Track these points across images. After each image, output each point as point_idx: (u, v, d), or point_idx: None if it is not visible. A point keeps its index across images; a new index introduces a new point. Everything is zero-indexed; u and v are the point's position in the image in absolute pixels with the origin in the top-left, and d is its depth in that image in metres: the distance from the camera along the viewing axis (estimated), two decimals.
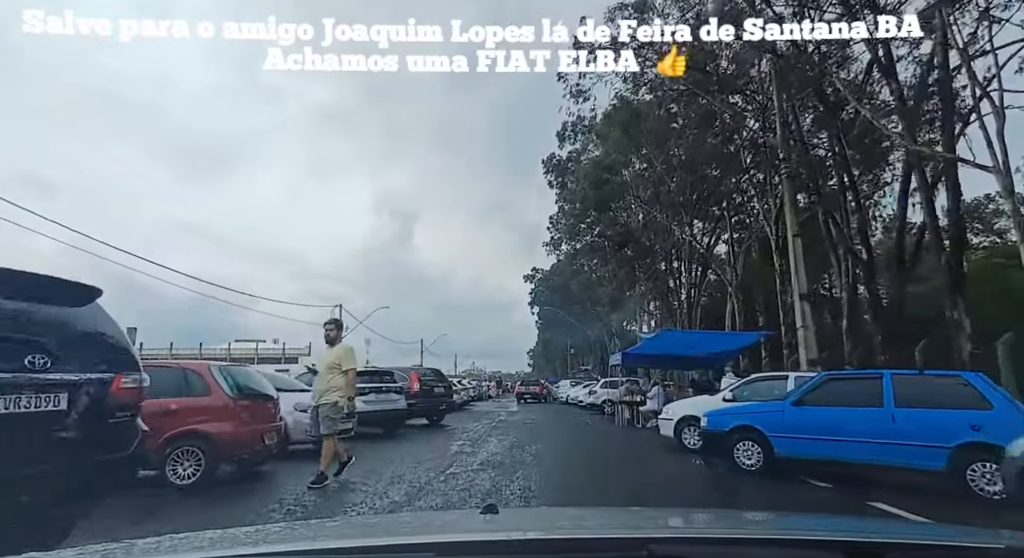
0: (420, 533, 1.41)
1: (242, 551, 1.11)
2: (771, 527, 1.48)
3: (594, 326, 45.02)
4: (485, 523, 1.29)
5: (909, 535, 1.35)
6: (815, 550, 1.11)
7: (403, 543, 1.17)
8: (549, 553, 1.12)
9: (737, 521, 1.72)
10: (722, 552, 1.13)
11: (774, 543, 1.17)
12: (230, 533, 1.26)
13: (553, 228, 41.76)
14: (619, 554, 1.05)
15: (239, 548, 1.14)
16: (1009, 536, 1.20)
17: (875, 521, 2.22)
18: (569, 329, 49.75)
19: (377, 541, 1.19)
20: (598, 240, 34.81)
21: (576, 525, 1.51)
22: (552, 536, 1.23)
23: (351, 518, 4.27)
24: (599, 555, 1.10)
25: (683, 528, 1.46)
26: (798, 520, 1.80)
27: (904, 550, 1.11)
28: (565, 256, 43.76)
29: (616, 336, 40.76)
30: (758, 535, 1.30)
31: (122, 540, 1.18)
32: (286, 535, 1.49)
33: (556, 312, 48.59)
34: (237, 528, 1.31)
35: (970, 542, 1.18)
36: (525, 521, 1.67)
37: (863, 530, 1.49)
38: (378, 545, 1.14)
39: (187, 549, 1.16)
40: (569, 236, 38.62)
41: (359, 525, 2.01)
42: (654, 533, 1.27)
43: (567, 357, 64.54)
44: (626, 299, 36.27)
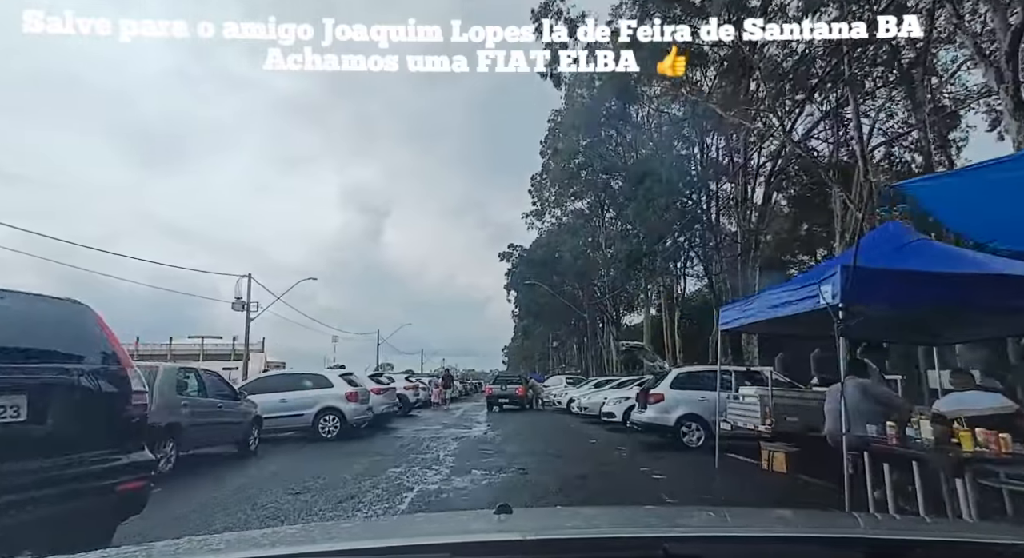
0: (434, 534, 1.39)
1: (258, 553, 1.11)
2: (789, 525, 1.46)
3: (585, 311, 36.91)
4: (499, 523, 1.28)
5: (931, 533, 1.33)
6: (835, 548, 1.10)
7: (418, 544, 1.16)
8: (563, 553, 1.11)
9: (754, 519, 1.70)
10: (739, 550, 1.12)
11: (792, 541, 1.15)
12: (246, 535, 1.30)
13: (535, 192, 34.73)
14: (635, 553, 1.04)
15: (255, 550, 1.14)
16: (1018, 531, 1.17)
17: (896, 519, 2.18)
18: (553, 315, 42.29)
19: (392, 542, 1.19)
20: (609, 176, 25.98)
21: (591, 524, 1.50)
22: (567, 536, 1.21)
23: (366, 520, 4.23)
24: (615, 554, 1.08)
25: (699, 527, 1.44)
26: (817, 518, 1.77)
27: (926, 548, 1.09)
28: (547, 231, 37.15)
29: (614, 323, 34.44)
30: (776, 533, 1.28)
31: (142, 543, 1.17)
32: (301, 537, 1.48)
33: (537, 289, 38.03)
34: (253, 530, 1.39)
35: (995, 539, 1.16)
36: (539, 521, 1.65)
37: (884, 528, 1.47)
38: (393, 546, 1.14)
39: (204, 551, 1.16)
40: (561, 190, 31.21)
41: (373, 526, 2.03)
42: (670, 532, 1.26)
43: (548, 352, 57.75)
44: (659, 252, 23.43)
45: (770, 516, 1.82)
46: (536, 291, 38.73)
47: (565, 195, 32.49)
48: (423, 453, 9.16)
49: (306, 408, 11.12)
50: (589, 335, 39.43)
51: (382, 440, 11.23)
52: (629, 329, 36.58)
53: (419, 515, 4.37)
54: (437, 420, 16.60)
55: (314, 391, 11.36)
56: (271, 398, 10.80)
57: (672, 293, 30.20)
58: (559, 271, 36.77)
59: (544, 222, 36.81)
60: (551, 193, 34.07)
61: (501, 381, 23.56)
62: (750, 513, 2.12)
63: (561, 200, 33.70)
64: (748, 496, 6.29)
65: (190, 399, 7.59)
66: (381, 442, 10.83)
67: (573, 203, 33.15)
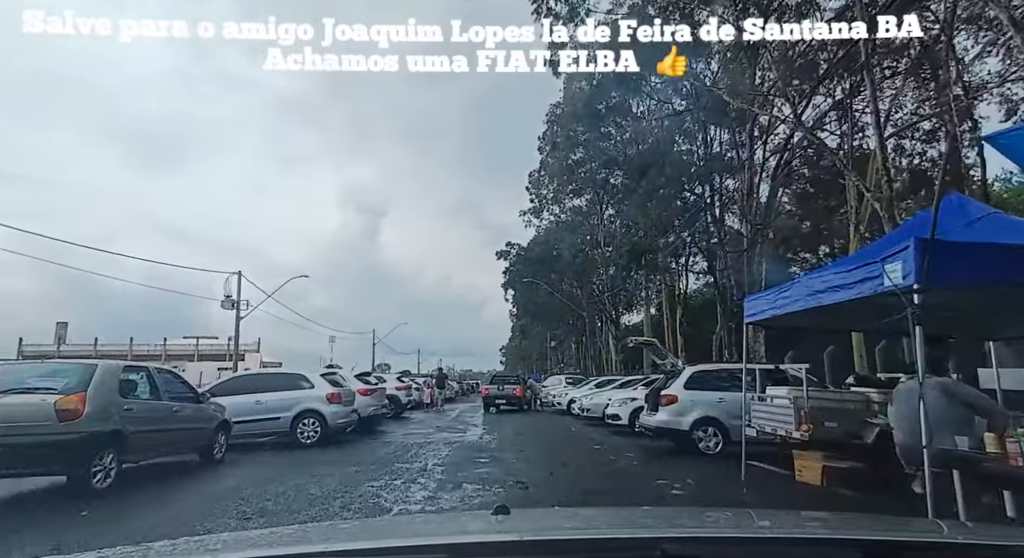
0: (432, 534, 1.39)
1: (255, 553, 1.10)
2: (786, 526, 1.45)
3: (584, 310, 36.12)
4: (497, 524, 1.27)
5: (928, 534, 1.33)
6: (831, 549, 1.09)
7: (416, 545, 1.15)
8: (561, 554, 1.10)
9: (751, 520, 1.70)
10: (736, 552, 1.12)
11: (789, 542, 1.16)
12: (243, 535, 1.35)
13: (533, 189, 33.95)
14: (633, 554, 1.04)
15: (252, 550, 1.14)
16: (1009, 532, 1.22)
17: (893, 520, 1.92)
18: (551, 314, 41.31)
19: (390, 543, 1.19)
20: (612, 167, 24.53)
21: (589, 525, 1.51)
22: (564, 536, 1.21)
23: (364, 520, 4.17)
24: (612, 555, 1.08)
25: (696, 527, 1.42)
26: (814, 519, 1.75)
27: (923, 549, 1.10)
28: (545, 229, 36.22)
29: (613, 322, 33.55)
30: (773, 534, 1.28)
31: (139, 543, 1.19)
32: (299, 537, 1.47)
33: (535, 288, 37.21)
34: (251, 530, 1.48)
35: (991, 541, 1.17)
36: (537, 522, 1.66)
37: (880, 529, 1.40)
38: (391, 546, 1.13)
39: (201, 552, 1.16)
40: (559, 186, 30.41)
41: (371, 527, 2.02)
42: (667, 532, 1.25)
43: (546, 352, 56.90)
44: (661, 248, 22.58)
45: (768, 517, 1.79)
46: (534, 290, 37.95)
47: (563, 192, 31.78)
48: (409, 462, 8.28)
49: (283, 411, 10.17)
50: (588, 334, 38.53)
51: (367, 446, 10.30)
52: (628, 328, 36.06)
53: (417, 515, 4.35)
54: (429, 423, 15.62)
55: (293, 392, 10.39)
56: (244, 400, 9.91)
57: (674, 291, 29.74)
58: (557, 269, 35.98)
59: (542, 220, 36.04)
60: (549, 190, 33.42)
61: (498, 381, 22.42)
62: (747, 514, 2.10)
63: (559, 197, 32.93)
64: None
65: (138, 402, 6.61)
66: (365, 448, 9.92)
67: (572, 200, 32.39)
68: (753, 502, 5.95)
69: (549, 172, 31.72)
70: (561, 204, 33.76)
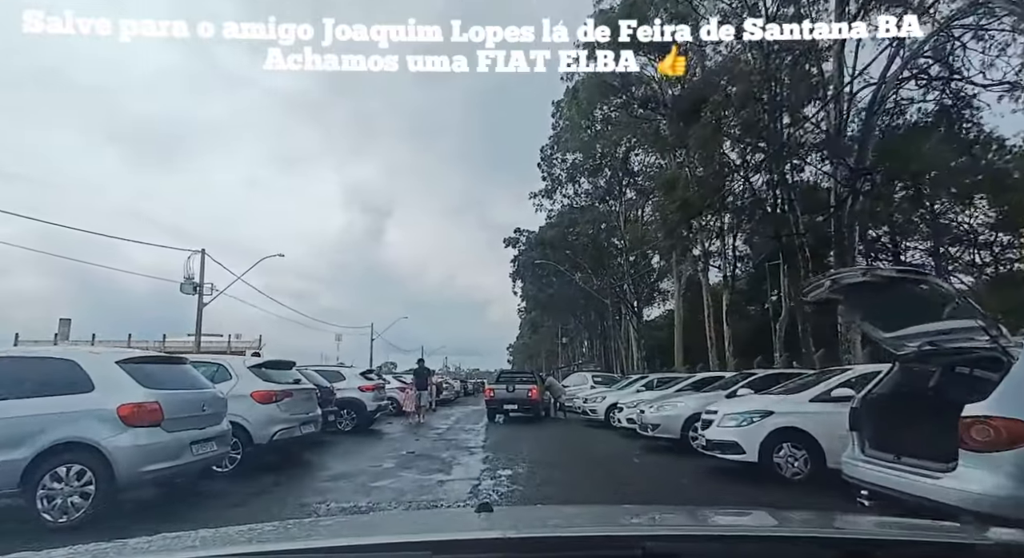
0: (415, 531, 1.40)
1: (235, 550, 1.10)
2: (766, 524, 1.47)
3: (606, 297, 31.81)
4: (480, 521, 1.30)
5: (903, 532, 1.32)
6: (810, 547, 1.09)
7: (398, 542, 1.15)
8: (544, 551, 1.10)
9: (732, 518, 1.71)
10: (717, 549, 1.12)
11: (769, 540, 1.17)
12: (223, 532, 1.27)
13: (545, 166, 30.12)
14: (615, 552, 1.04)
15: (232, 547, 1.14)
16: (999, 532, 1.18)
17: (870, 518, 2.01)
18: (563, 305, 37.62)
19: (372, 539, 1.19)
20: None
21: (572, 523, 1.50)
22: (548, 534, 1.22)
23: (346, 517, 4.17)
24: (595, 553, 1.08)
25: (678, 525, 1.42)
26: (793, 517, 1.77)
27: (897, 547, 1.10)
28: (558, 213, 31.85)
29: (635, 314, 28.92)
30: (753, 532, 1.30)
31: (113, 540, 1.16)
32: (280, 534, 1.46)
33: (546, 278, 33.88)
34: (230, 527, 1.31)
35: (961, 538, 1.19)
36: (520, 519, 1.67)
37: (858, 527, 1.43)
38: (373, 543, 1.13)
39: (179, 548, 1.16)
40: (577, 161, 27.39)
41: (354, 524, 2.03)
42: (650, 530, 1.27)
43: (556, 349, 52.54)
44: (719, 205, 17.84)
45: (750, 515, 1.81)
46: (545, 280, 34.32)
47: (579, 169, 28.81)
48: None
49: (12, 447, 4.41)
50: (612, 325, 34.23)
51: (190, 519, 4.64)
52: (649, 325, 31.95)
53: (400, 513, 4.31)
54: (396, 445, 9.84)
55: (52, 399, 4.60)
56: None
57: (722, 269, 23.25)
58: (571, 255, 31.53)
59: (555, 202, 31.41)
60: (562, 168, 29.91)
61: (506, 380, 16.32)
62: (729, 512, 2.10)
63: (574, 174, 29.41)
64: None
65: None
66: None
67: (588, 180, 29.26)
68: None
69: (563, 143, 28.39)
70: (576, 183, 30.25)
